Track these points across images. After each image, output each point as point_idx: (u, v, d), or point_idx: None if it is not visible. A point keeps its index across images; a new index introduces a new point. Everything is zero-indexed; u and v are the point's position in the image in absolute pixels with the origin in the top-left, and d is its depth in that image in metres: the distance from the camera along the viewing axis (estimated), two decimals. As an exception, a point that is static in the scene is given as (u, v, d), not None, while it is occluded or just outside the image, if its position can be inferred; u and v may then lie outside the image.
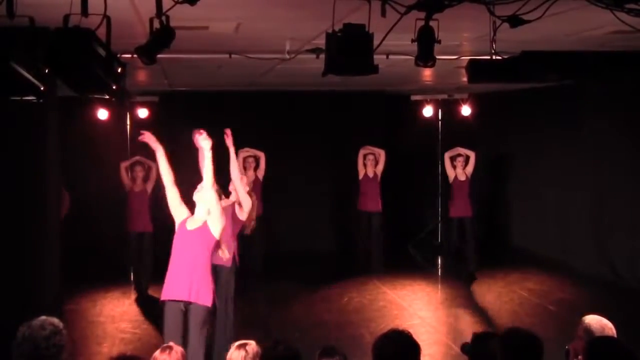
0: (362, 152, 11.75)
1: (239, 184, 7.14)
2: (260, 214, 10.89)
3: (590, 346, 3.43)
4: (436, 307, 9.66)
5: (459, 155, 11.33)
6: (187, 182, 6.32)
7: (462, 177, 11.23)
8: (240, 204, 7.18)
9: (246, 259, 8.27)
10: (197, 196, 6.06)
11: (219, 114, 12.78)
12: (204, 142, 6.01)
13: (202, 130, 6.08)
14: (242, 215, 7.20)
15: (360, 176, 11.73)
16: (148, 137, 6.10)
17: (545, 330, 7.25)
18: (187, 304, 5.81)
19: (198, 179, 6.18)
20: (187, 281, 5.79)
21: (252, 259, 10.45)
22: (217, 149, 6.20)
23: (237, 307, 7.93)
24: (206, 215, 5.96)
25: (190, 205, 6.14)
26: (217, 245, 6.15)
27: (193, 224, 5.98)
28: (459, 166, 11.26)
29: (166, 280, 5.91)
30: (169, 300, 5.85)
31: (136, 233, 10.20)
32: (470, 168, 11.25)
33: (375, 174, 11.68)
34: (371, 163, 11.65)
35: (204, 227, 5.95)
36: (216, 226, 5.96)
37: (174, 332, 5.72)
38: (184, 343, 5.63)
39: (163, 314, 5.88)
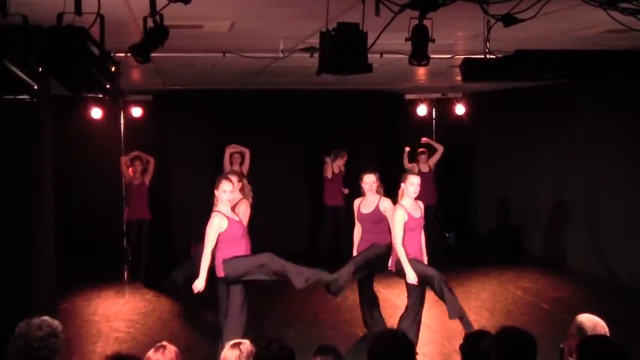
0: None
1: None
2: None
3: (582, 345, 3.43)
4: (430, 306, 9.61)
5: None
6: (183, 180, 6.30)
7: (425, 169, 11.89)
8: None
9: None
10: None
11: (213, 113, 12.80)
12: None
13: None
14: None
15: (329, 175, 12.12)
16: None
17: (540, 328, 7.27)
18: None
19: (192, 177, 6.15)
20: None
21: None
22: (214, 148, 6.19)
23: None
24: None
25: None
26: None
27: None
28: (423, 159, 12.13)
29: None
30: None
31: (135, 221, 11.10)
32: (434, 160, 12.11)
33: (340, 170, 12.14)
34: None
35: None
36: None
37: None
38: None
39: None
